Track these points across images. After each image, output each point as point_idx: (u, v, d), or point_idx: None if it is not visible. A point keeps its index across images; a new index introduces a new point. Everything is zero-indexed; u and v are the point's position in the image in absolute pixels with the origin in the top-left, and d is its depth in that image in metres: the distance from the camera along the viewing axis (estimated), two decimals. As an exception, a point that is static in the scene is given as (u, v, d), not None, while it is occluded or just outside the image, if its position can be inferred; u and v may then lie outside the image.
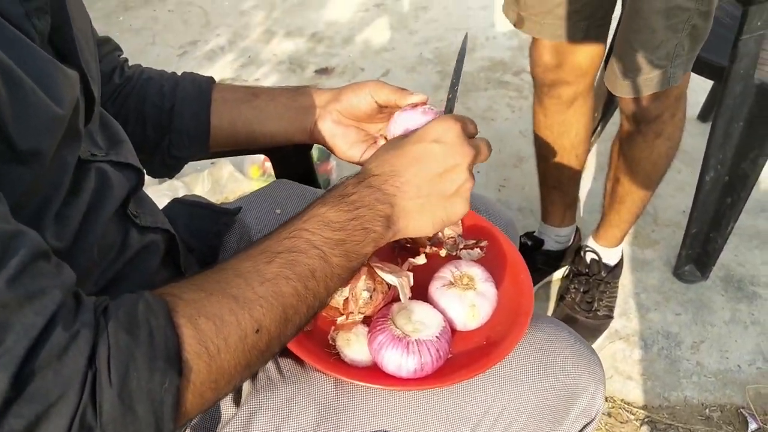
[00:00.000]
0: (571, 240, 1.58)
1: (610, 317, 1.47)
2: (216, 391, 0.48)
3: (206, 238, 0.77)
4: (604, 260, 1.47)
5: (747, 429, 1.33)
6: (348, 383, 0.64)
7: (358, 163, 0.75)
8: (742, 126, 1.32)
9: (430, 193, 0.59)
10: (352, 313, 0.65)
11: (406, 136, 0.62)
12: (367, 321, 0.67)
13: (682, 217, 1.75)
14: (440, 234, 0.76)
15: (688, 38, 1.05)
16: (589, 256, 1.48)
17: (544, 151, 1.44)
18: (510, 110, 2.19)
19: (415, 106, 0.70)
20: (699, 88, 1.82)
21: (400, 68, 2.45)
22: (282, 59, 2.53)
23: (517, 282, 0.74)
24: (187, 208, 0.80)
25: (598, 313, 1.46)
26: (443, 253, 0.73)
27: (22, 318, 0.39)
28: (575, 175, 1.46)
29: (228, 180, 1.85)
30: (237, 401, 0.64)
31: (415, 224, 0.59)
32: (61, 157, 0.51)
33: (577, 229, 1.60)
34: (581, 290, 1.47)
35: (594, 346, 1.43)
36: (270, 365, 0.66)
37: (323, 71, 2.45)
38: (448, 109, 0.69)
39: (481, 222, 0.82)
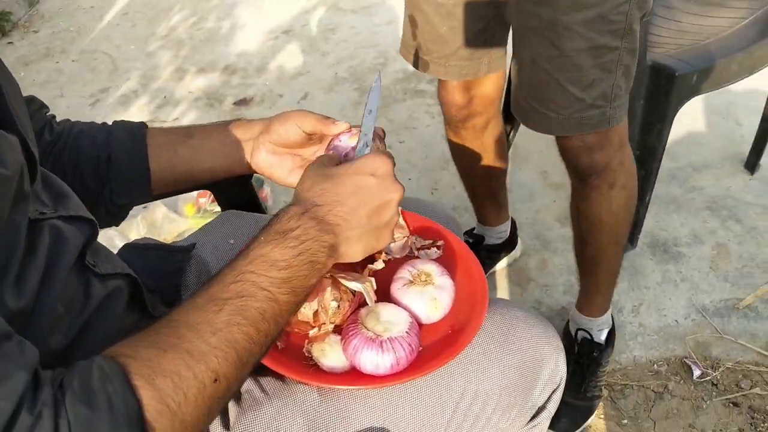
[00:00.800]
0: (509, 230, 1.65)
1: (599, 397, 1.38)
2: None
3: (165, 278, 0.78)
4: (596, 338, 1.39)
5: (692, 376, 1.43)
6: (331, 390, 0.66)
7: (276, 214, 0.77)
8: (642, 104, 1.44)
9: (368, 223, 0.61)
10: (324, 323, 0.67)
11: (340, 166, 0.64)
12: (337, 330, 0.70)
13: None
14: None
15: (623, 78, 1.03)
16: (580, 335, 1.39)
17: (467, 171, 1.49)
18: (430, 117, 2.27)
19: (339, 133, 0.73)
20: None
21: (318, 90, 2.50)
22: (198, 95, 2.52)
23: (470, 272, 0.79)
24: (139, 251, 0.80)
25: (587, 394, 1.36)
26: (381, 262, 0.76)
27: None
28: (501, 183, 1.52)
29: (164, 221, 1.83)
30: (226, 424, 0.65)
31: (352, 251, 0.62)
32: (12, 221, 0.52)
33: (512, 221, 1.67)
34: (569, 370, 1.36)
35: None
36: (253, 386, 0.68)
37: (242, 102, 2.46)
38: (363, 144, 0.70)
39: (428, 223, 0.86)
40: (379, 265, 0.72)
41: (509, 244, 1.66)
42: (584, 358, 1.39)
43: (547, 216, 1.84)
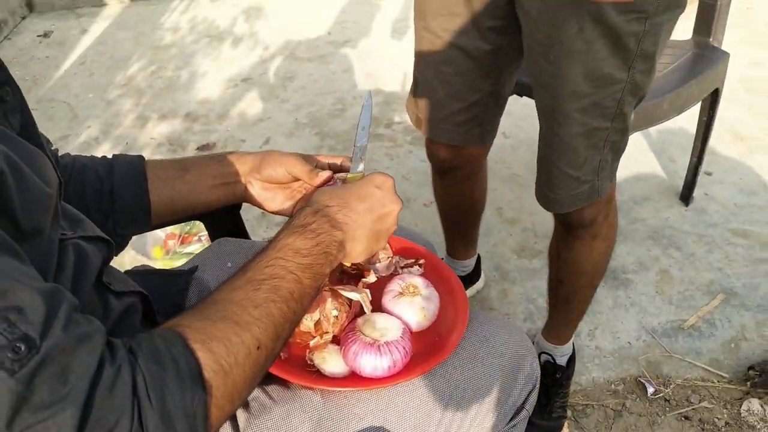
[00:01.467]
0: (473, 265, 1.74)
1: (564, 417, 1.46)
2: (232, 403, 0.55)
3: (169, 299, 0.82)
4: (558, 361, 1.47)
5: (647, 393, 1.53)
6: (333, 393, 0.72)
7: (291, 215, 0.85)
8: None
9: (372, 228, 0.71)
10: (327, 332, 0.73)
11: (353, 182, 0.75)
12: (335, 341, 0.76)
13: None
14: (376, 259, 0.87)
15: (610, 152, 1.07)
16: (543, 358, 1.47)
17: (445, 209, 1.57)
18: (389, 159, 2.38)
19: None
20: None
21: (279, 135, 2.57)
22: (161, 141, 2.56)
23: (450, 285, 0.87)
24: (142, 276, 0.85)
25: (553, 414, 1.44)
26: (374, 276, 0.83)
27: (80, 359, 0.45)
28: (475, 223, 1.62)
29: (132, 264, 1.84)
30: (236, 429, 0.70)
31: (357, 250, 0.71)
32: (50, 238, 0.57)
33: (478, 256, 1.76)
34: None
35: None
36: (259, 393, 0.73)
37: (205, 147, 2.51)
38: (358, 158, 0.83)
39: (409, 244, 0.94)
40: (371, 278, 0.79)
41: (473, 276, 1.75)
42: (548, 380, 1.47)
43: (505, 249, 1.94)
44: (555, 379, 1.47)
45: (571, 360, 1.52)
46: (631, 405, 1.51)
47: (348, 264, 0.77)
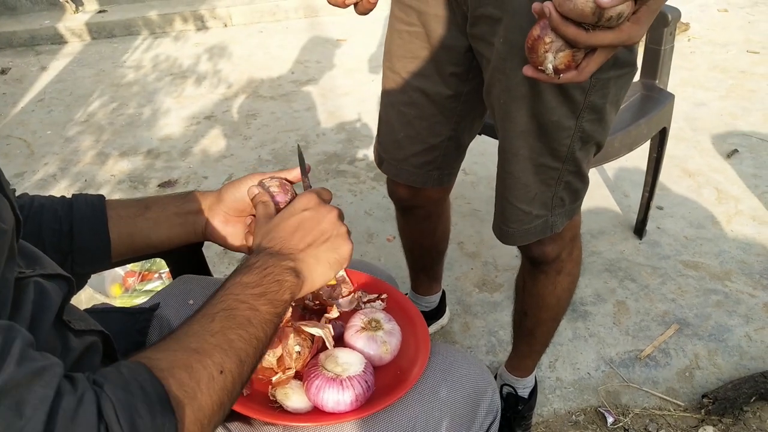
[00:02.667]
0: (438, 301, 1.76)
1: None
2: (201, 429, 0.55)
3: (130, 337, 0.81)
4: (520, 393, 1.49)
5: (606, 423, 1.55)
6: (296, 428, 0.72)
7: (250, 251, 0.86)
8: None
9: (318, 245, 0.73)
10: (290, 368, 0.74)
11: (277, 215, 0.77)
12: (297, 376, 0.77)
13: (516, 260, 2.04)
14: (338, 294, 0.89)
15: (565, 192, 1.09)
16: (505, 390, 1.50)
17: (409, 246, 1.59)
18: (352, 195, 2.40)
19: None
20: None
21: (242, 171, 2.58)
22: (121, 179, 2.54)
23: (412, 319, 0.88)
24: (101, 315, 0.84)
25: None
26: (336, 311, 0.85)
27: (35, 392, 0.45)
28: (438, 260, 1.64)
29: (89, 302, 1.81)
30: (199, 468, 0.69)
31: (319, 272, 0.73)
32: (4, 276, 0.57)
33: (443, 291, 1.78)
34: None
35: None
36: (220, 430, 0.72)
37: (167, 184, 2.49)
38: (307, 187, 0.86)
39: (371, 279, 0.96)
40: (334, 313, 0.80)
41: (438, 312, 1.77)
42: (510, 412, 1.49)
43: (467, 282, 1.97)
44: (517, 411, 1.49)
45: (533, 392, 1.54)
46: (592, 436, 1.54)
47: (318, 288, 0.76)
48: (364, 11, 1.01)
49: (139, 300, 1.74)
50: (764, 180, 2.44)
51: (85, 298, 1.83)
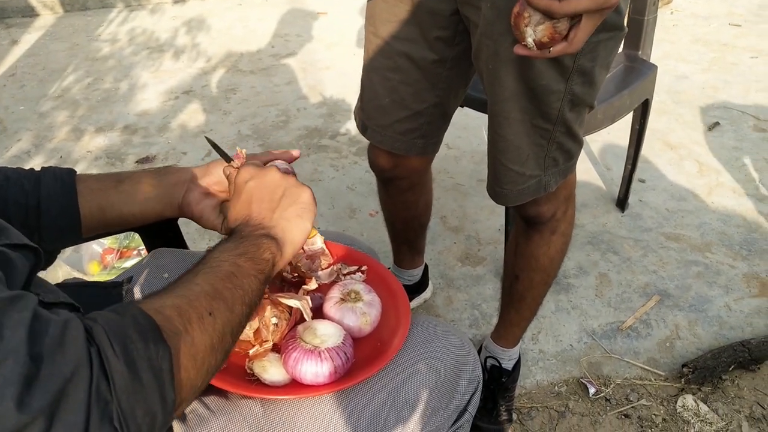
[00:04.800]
0: (421, 274, 1.75)
1: (510, 420, 1.47)
2: (196, 367, 0.54)
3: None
4: (504, 365, 1.48)
5: (588, 394, 1.57)
6: (274, 402, 0.71)
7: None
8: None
9: (278, 205, 0.72)
10: (267, 340, 0.72)
11: (231, 200, 0.76)
12: (275, 349, 0.75)
13: (499, 234, 2.03)
14: (318, 266, 0.87)
15: (558, 152, 1.09)
16: (489, 363, 1.49)
17: (390, 218, 1.57)
18: (334, 170, 2.38)
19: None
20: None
21: (222, 146, 2.53)
22: (98, 155, 2.48)
23: (392, 291, 0.87)
24: (73, 288, 0.81)
25: (499, 418, 1.46)
26: (315, 283, 0.83)
27: (10, 316, 0.44)
28: (420, 233, 1.62)
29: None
30: (173, 443, 0.68)
31: (294, 228, 0.72)
32: None
33: (425, 265, 1.77)
34: (481, 398, 1.47)
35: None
36: (197, 405, 0.71)
37: (145, 160, 2.45)
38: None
39: (351, 251, 0.94)
40: (312, 285, 0.78)
41: (421, 286, 1.76)
42: (494, 384, 1.49)
43: (449, 256, 1.97)
44: (501, 383, 1.49)
45: (517, 365, 1.54)
46: (573, 406, 1.55)
47: (302, 244, 0.74)
48: None
49: (118, 277, 1.71)
50: (745, 152, 2.46)
51: (62, 276, 1.80)
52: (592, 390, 1.57)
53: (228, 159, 0.84)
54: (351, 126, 2.63)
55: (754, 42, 3.34)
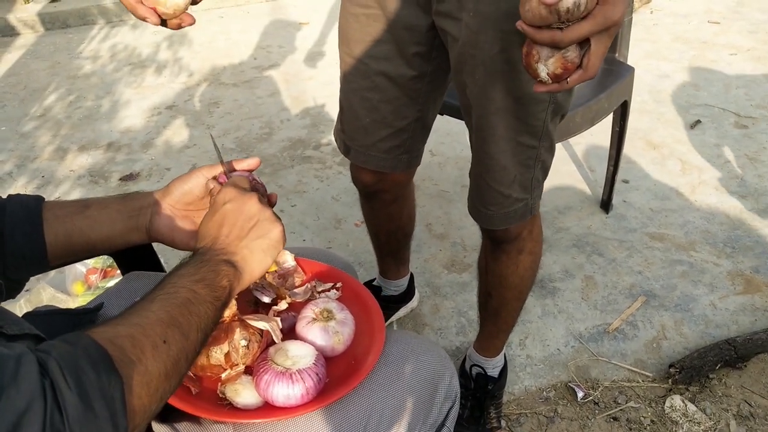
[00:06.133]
0: (407, 284, 1.75)
1: (499, 427, 1.47)
2: (149, 394, 0.55)
3: (72, 340, 0.78)
4: (489, 373, 1.48)
5: (577, 398, 1.57)
6: (247, 425, 0.70)
7: None
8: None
9: (246, 235, 0.72)
10: (237, 364, 0.72)
11: (206, 213, 0.76)
12: (248, 371, 0.75)
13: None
14: (292, 284, 0.87)
15: (541, 172, 1.10)
16: (474, 371, 1.49)
17: (375, 231, 1.57)
18: (319, 180, 2.37)
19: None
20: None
21: (205, 161, 2.53)
22: (81, 174, 2.47)
23: (367, 307, 0.86)
24: (43, 317, 0.80)
25: (487, 425, 1.46)
26: (285, 303, 0.83)
27: None
28: (404, 244, 1.62)
29: (50, 302, 1.76)
30: (145, 471, 0.67)
31: (255, 261, 0.72)
32: None
33: (411, 275, 1.77)
34: (468, 405, 1.47)
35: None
36: (168, 431, 0.70)
37: (129, 177, 2.44)
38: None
39: (326, 268, 0.94)
40: (282, 305, 0.78)
41: (407, 295, 1.76)
42: (480, 392, 1.48)
43: (435, 264, 1.96)
44: (487, 391, 1.49)
45: (503, 371, 1.54)
46: (562, 410, 1.55)
47: (259, 276, 0.73)
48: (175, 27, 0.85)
49: (102, 297, 1.69)
50: (726, 149, 2.47)
51: (46, 298, 1.79)
52: (580, 394, 1.57)
53: (221, 160, 0.84)
54: (335, 136, 2.63)
55: (732, 39, 3.37)
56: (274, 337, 0.72)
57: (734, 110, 2.71)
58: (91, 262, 1.86)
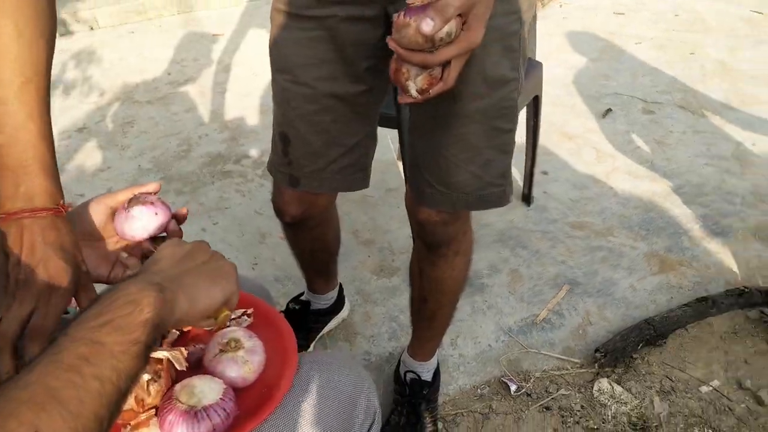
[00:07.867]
0: (336, 296, 1.73)
1: (435, 431, 1.48)
2: None
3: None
4: (424, 377, 1.49)
5: (510, 391, 1.59)
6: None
7: (107, 282, 0.79)
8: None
9: (191, 262, 0.64)
10: (149, 405, 0.68)
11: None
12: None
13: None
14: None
15: (510, 158, 1.12)
16: (409, 377, 1.49)
17: (299, 253, 1.54)
18: (240, 195, 2.32)
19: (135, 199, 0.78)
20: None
21: (121, 184, 2.43)
22: (-14, 207, 2.33)
23: (280, 331, 0.84)
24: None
25: (424, 431, 1.46)
26: (175, 332, 0.80)
27: None
28: (331, 260, 1.60)
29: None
30: None
31: (198, 290, 0.62)
32: None
33: (340, 285, 1.75)
34: (404, 413, 1.48)
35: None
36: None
37: (38, 208, 2.31)
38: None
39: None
40: (173, 334, 0.75)
41: (337, 306, 1.74)
42: (415, 398, 1.49)
43: (364, 271, 1.96)
44: (422, 396, 1.49)
45: (437, 374, 1.55)
46: (497, 406, 1.57)
47: (204, 309, 0.63)
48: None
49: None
50: (636, 135, 2.58)
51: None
52: (513, 387, 1.60)
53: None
54: (255, 149, 2.58)
55: (637, 29, 3.52)
56: (177, 366, 0.69)
57: (641, 97, 2.83)
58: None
